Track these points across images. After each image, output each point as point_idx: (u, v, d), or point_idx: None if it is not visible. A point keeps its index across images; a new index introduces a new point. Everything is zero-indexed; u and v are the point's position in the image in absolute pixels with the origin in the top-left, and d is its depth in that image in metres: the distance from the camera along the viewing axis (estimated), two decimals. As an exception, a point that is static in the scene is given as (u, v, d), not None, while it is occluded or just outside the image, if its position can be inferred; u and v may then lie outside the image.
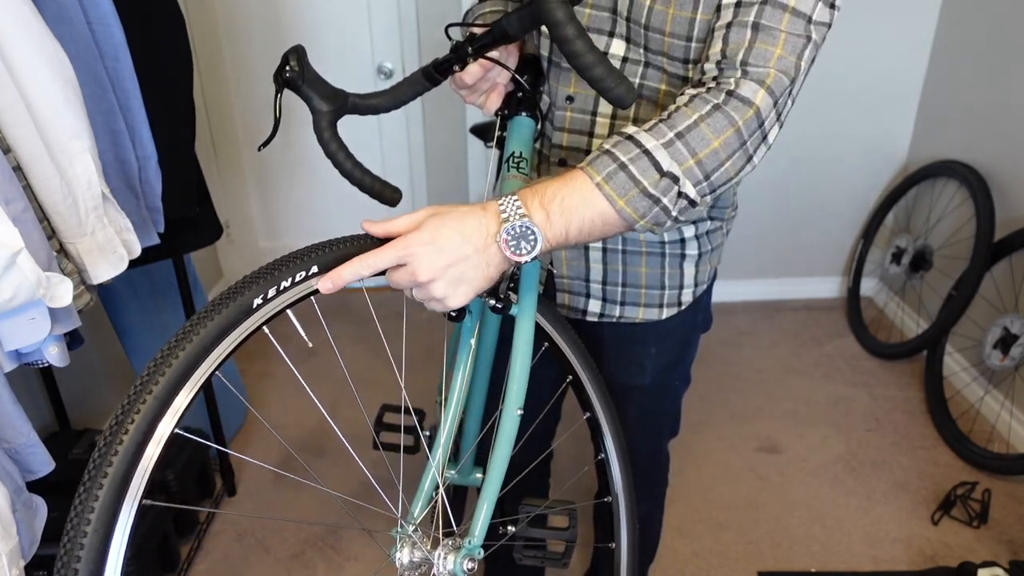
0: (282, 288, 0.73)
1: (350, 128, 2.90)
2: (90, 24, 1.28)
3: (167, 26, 1.51)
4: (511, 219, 0.77)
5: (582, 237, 0.81)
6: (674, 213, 0.82)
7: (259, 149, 0.96)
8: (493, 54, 0.96)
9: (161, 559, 1.79)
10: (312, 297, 0.78)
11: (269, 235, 3.12)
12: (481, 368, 1.15)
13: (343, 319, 2.94)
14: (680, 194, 0.81)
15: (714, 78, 0.85)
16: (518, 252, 0.77)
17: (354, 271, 0.75)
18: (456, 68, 0.96)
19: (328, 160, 0.97)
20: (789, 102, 0.86)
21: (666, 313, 1.18)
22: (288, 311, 0.76)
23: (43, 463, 1.18)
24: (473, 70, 0.97)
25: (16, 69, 1.07)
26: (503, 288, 0.92)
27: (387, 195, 1.01)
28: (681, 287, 1.16)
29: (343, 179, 1.01)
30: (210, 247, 2.59)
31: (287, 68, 0.88)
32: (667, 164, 0.80)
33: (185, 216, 1.64)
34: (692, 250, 1.14)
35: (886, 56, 2.67)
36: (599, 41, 0.99)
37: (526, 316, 0.95)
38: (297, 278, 0.74)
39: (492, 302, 0.91)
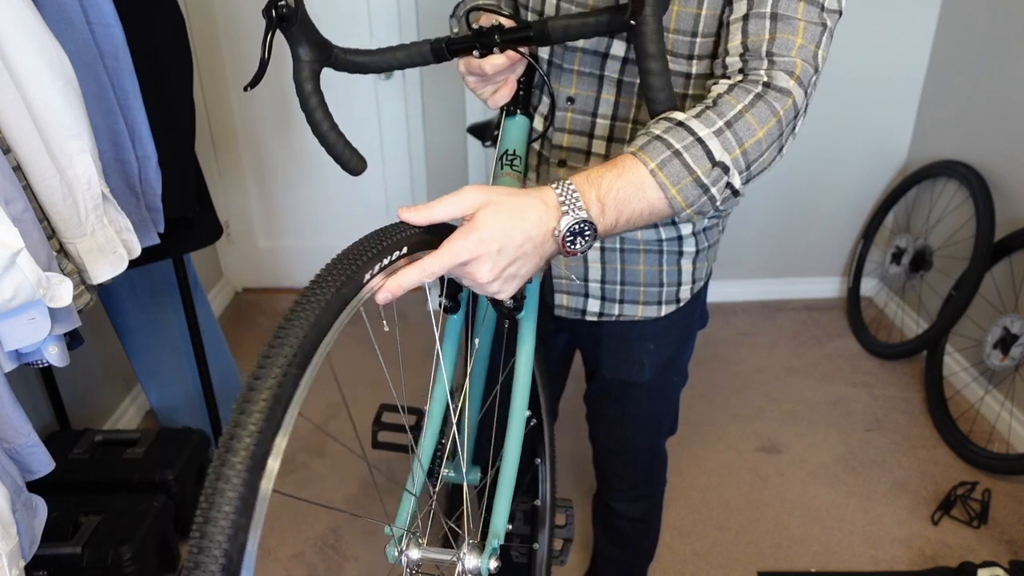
0: (384, 265, 0.68)
1: (349, 127, 2.90)
2: (90, 24, 1.28)
3: (167, 26, 1.51)
4: (571, 212, 0.74)
5: (627, 228, 0.80)
6: (719, 202, 0.82)
7: (245, 89, 0.89)
8: (523, 50, 0.94)
9: (161, 559, 1.79)
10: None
11: (269, 235, 3.12)
12: (479, 366, 1.15)
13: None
14: (728, 184, 0.81)
15: (740, 70, 0.85)
16: (573, 248, 0.75)
17: (414, 278, 0.69)
18: (476, 54, 0.93)
19: (305, 115, 0.91)
20: (813, 93, 0.86)
21: (665, 310, 1.18)
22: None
23: (43, 463, 1.18)
24: (498, 61, 0.94)
25: (16, 69, 1.07)
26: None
27: (353, 163, 0.96)
28: (679, 284, 1.17)
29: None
30: (210, 247, 2.59)
31: (282, 4, 0.81)
32: (719, 154, 0.79)
33: (185, 216, 1.64)
34: (690, 247, 1.14)
35: (886, 56, 2.67)
36: (601, 42, 0.99)
37: (529, 318, 0.95)
38: (394, 256, 0.70)
39: (510, 303, 0.91)
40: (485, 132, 1.78)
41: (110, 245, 1.26)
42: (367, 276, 0.66)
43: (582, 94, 1.05)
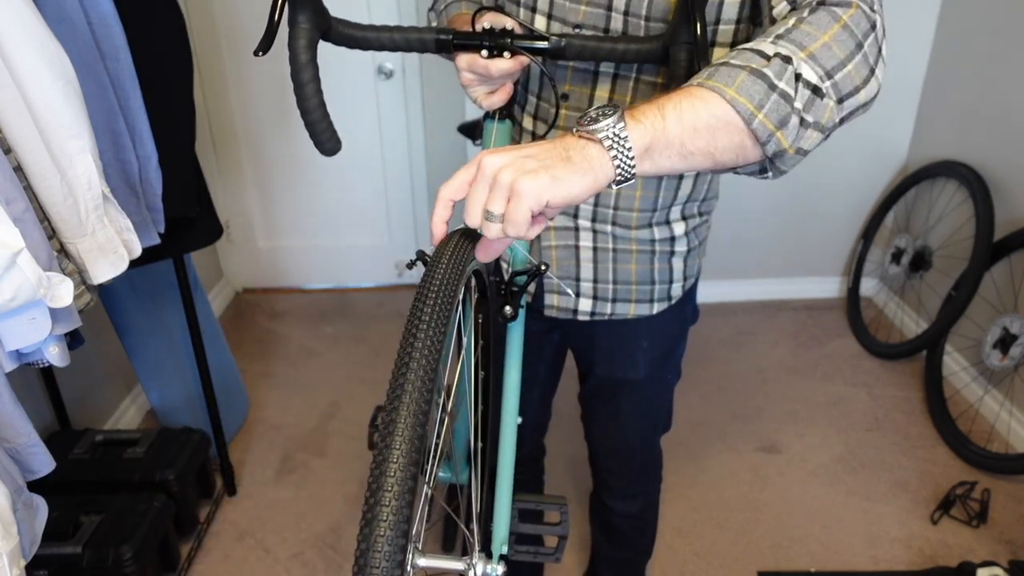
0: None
1: (349, 127, 2.90)
2: (91, 24, 1.28)
3: (167, 26, 1.51)
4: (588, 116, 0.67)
5: (696, 137, 0.67)
6: (797, 102, 0.70)
7: (255, 53, 0.86)
8: (536, 58, 0.93)
9: (161, 559, 1.79)
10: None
11: (269, 235, 3.12)
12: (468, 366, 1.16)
13: (343, 319, 2.96)
14: (798, 77, 0.70)
15: (791, 10, 0.79)
16: (595, 122, 0.65)
17: (442, 204, 0.68)
18: (484, 54, 0.92)
19: (294, 86, 0.89)
20: (881, 10, 0.79)
21: (657, 308, 1.19)
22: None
23: (44, 463, 1.18)
24: (505, 65, 0.93)
25: (16, 69, 1.07)
26: (507, 281, 0.92)
27: (331, 144, 0.96)
28: (671, 281, 1.18)
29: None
30: (210, 247, 2.60)
31: None
32: (772, 50, 0.70)
33: (185, 216, 1.64)
34: (681, 246, 1.16)
35: (886, 56, 2.67)
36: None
37: (517, 326, 0.96)
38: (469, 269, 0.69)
39: (509, 310, 0.91)
40: (475, 131, 1.78)
41: (110, 245, 1.26)
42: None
43: (576, 91, 1.05)
